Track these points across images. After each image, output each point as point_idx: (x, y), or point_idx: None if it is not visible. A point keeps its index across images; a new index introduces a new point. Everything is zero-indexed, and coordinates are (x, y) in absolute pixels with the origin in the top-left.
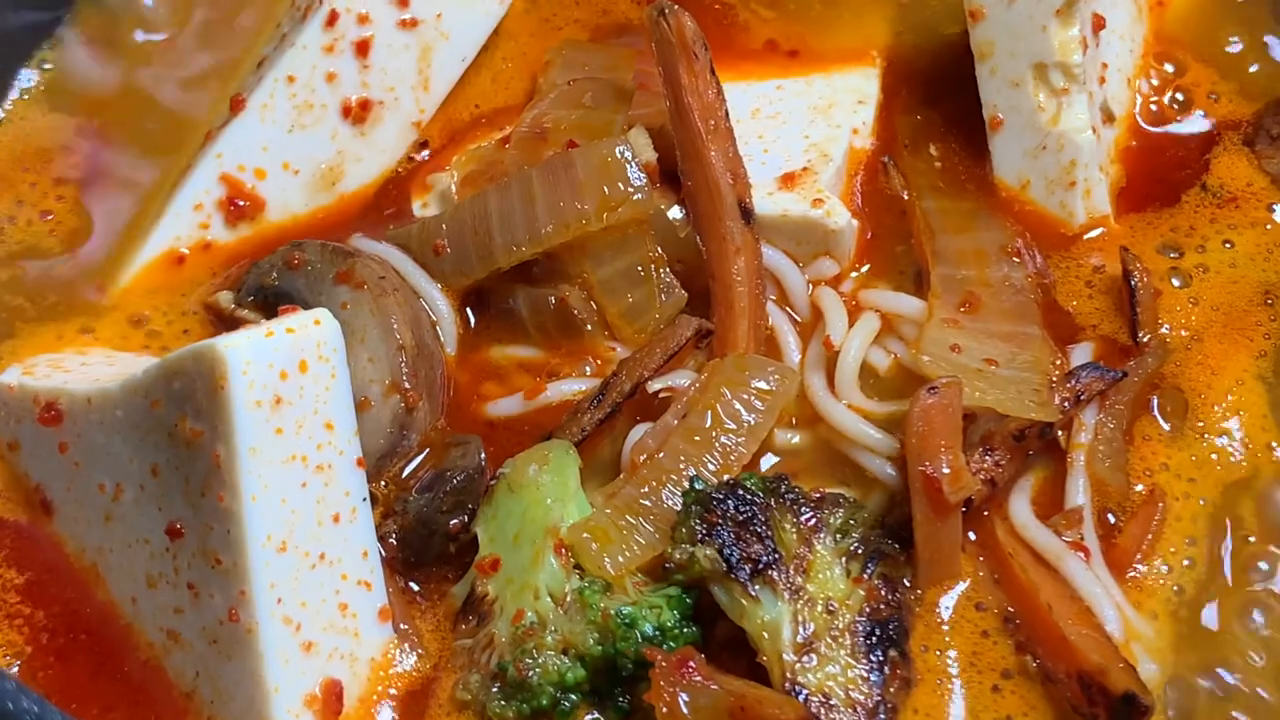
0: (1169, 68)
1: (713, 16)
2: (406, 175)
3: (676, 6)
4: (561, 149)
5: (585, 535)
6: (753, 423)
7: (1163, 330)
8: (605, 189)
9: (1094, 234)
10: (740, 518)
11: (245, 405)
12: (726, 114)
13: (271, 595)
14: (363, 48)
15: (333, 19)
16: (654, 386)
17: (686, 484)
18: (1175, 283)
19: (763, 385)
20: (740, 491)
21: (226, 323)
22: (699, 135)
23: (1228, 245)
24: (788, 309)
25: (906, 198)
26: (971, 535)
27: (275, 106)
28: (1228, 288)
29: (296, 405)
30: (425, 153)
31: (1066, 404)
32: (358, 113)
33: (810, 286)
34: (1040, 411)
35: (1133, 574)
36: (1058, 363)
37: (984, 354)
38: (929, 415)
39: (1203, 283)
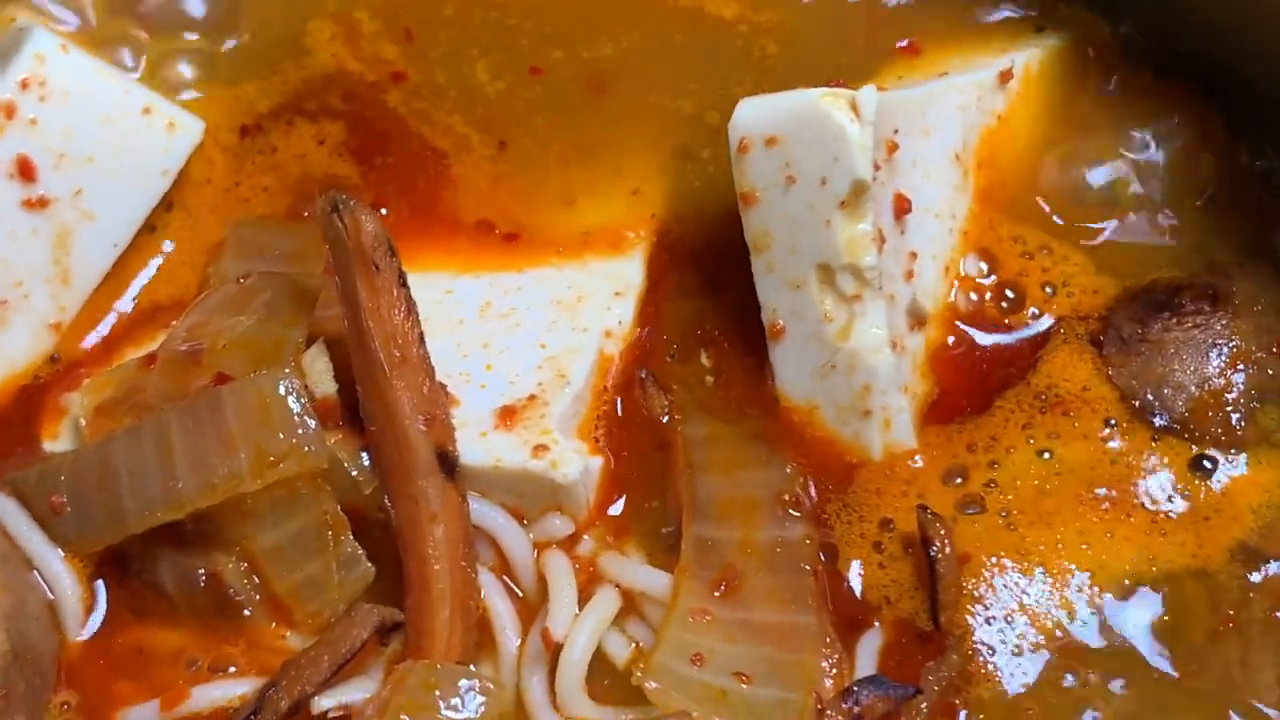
0: (999, 244)
1: (420, 167)
2: (42, 386)
3: (353, 201)
4: (212, 380)
5: None
6: None
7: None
8: (262, 439)
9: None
10: None
11: None
12: (420, 339)
13: None
14: None
15: None
16: (322, 705)
17: None
18: (970, 511)
19: (454, 712)
20: None
21: None
22: (380, 370)
23: (1045, 455)
24: (509, 580)
25: (667, 423)
26: None
27: None
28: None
29: None
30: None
31: None
32: None
33: (536, 550)
34: None
35: None
36: (833, 665)
37: (735, 664)
38: None
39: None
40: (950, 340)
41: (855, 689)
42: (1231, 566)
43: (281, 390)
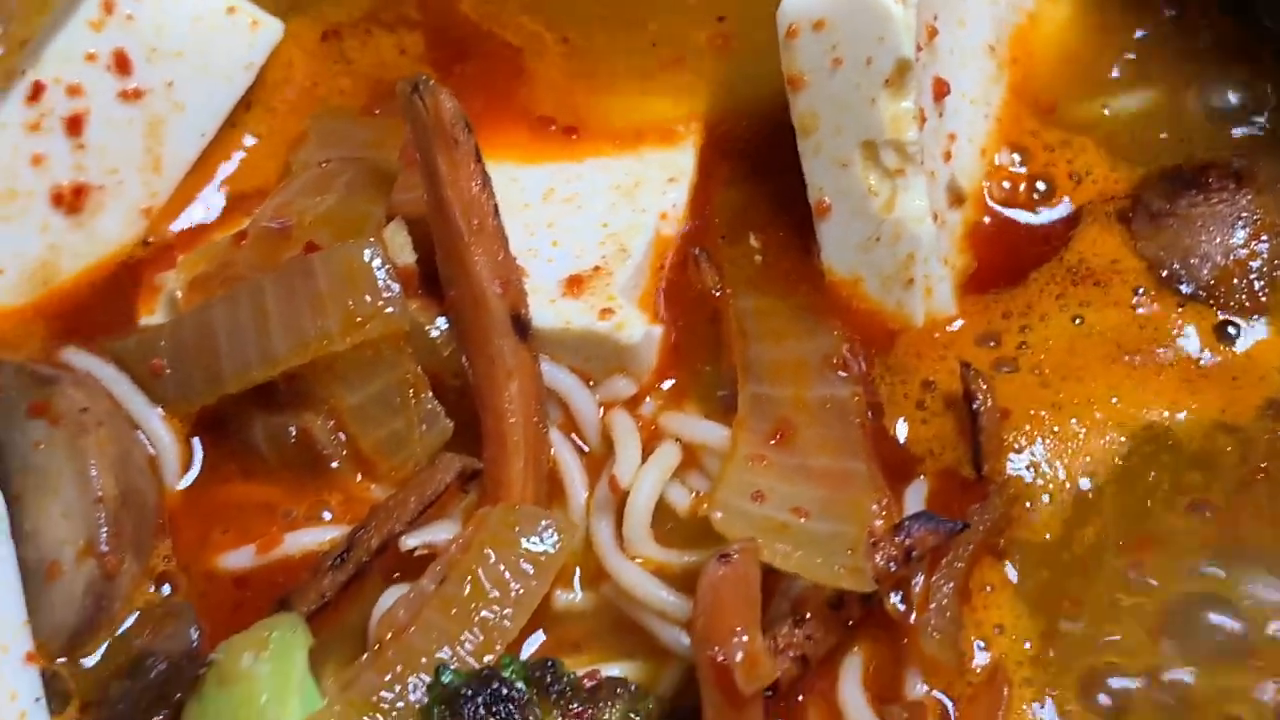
0: (1025, 136)
1: (496, 65)
2: (137, 267)
3: (433, 82)
4: (302, 250)
5: None
6: (520, 592)
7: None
8: (350, 302)
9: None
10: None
11: None
12: (495, 210)
13: None
14: (75, 124)
15: (37, 92)
16: (409, 543)
17: (435, 673)
18: (1004, 370)
19: (534, 545)
20: (496, 685)
21: None
22: (460, 237)
23: (1077, 321)
24: (575, 437)
25: (719, 296)
26: None
27: None
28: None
29: None
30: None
31: (893, 564)
32: (72, 200)
33: (602, 410)
34: (851, 579)
35: None
36: (883, 507)
37: (793, 501)
38: (719, 590)
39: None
40: (987, 220)
41: (906, 523)
42: (1261, 421)
43: (367, 257)
